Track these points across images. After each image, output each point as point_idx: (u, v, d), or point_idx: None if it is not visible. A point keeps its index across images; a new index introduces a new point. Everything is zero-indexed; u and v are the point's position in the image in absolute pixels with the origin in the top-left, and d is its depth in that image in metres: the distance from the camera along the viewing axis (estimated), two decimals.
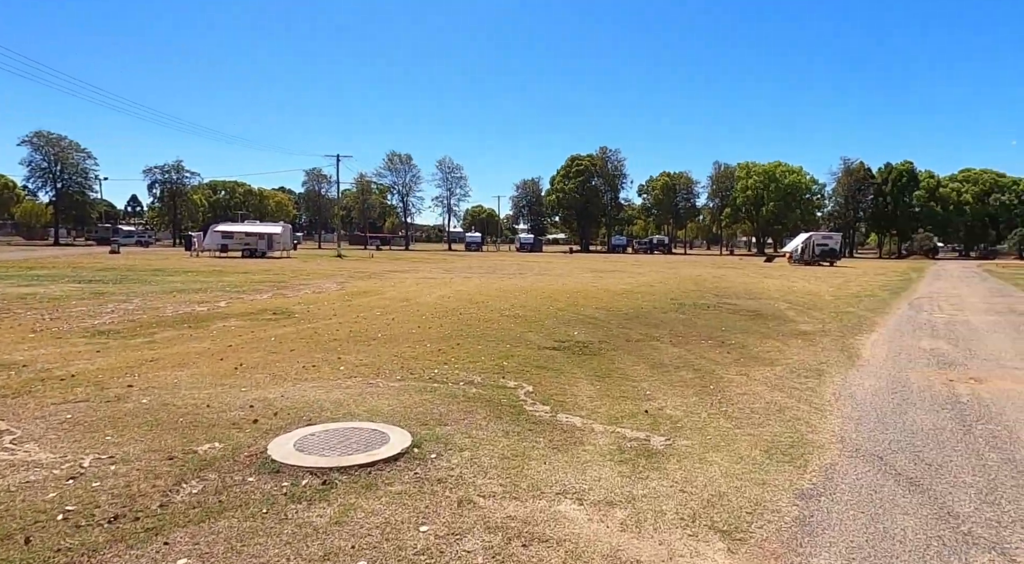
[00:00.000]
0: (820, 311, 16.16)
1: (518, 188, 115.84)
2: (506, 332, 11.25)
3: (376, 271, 31.97)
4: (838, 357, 9.15)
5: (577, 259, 61.06)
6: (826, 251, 54.94)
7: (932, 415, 5.93)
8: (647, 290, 21.66)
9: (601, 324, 12.64)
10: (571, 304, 16.50)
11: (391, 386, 6.82)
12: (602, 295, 19.33)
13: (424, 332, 11.09)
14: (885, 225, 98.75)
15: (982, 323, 13.79)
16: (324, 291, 19.57)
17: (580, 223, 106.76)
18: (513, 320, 12.93)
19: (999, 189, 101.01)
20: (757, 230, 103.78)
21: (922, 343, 10.67)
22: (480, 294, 19.01)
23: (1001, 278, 35.30)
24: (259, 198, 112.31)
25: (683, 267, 43.61)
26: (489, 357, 8.78)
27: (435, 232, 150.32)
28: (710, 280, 28.48)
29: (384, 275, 28.67)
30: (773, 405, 6.26)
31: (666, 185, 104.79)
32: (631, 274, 32.61)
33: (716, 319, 13.87)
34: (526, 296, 18.55)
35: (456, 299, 17.36)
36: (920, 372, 8.03)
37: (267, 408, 5.82)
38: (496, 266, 41.01)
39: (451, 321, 12.61)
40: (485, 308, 15.15)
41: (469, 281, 25.43)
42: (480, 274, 30.72)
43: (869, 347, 10.24)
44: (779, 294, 21.14)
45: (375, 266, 37.86)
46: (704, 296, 19.90)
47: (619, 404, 6.32)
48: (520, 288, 21.60)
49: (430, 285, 22.71)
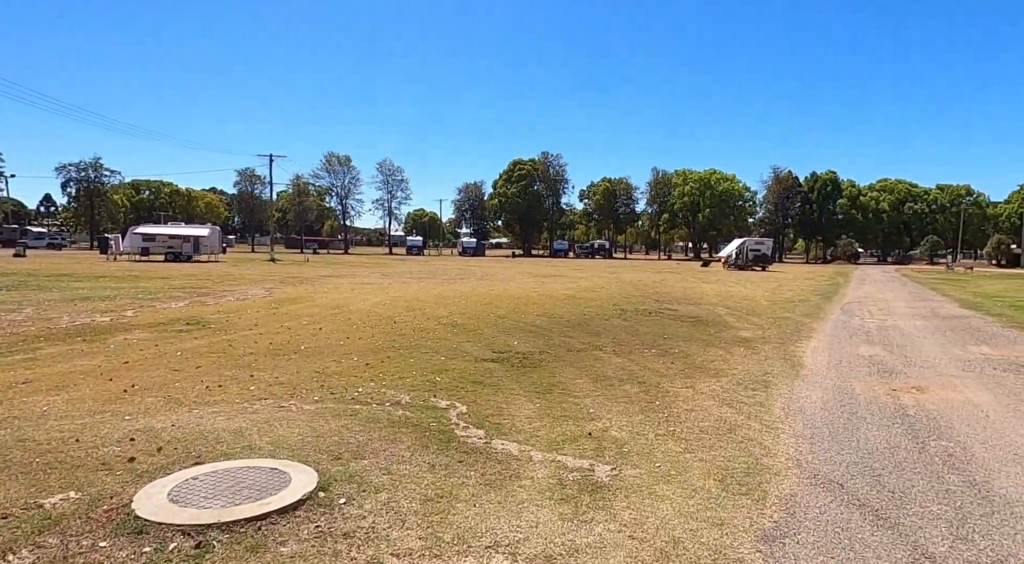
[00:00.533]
0: (758, 317, 16.24)
1: (460, 192, 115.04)
2: (442, 342, 10.56)
3: (310, 276, 30.53)
4: (782, 366, 8.95)
5: (519, 263, 60.82)
6: (759, 256, 56.83)
7: (884, 431, 5.67)
8: (589, 296, 21.41)
9: (543, 332, 12.14)
10: (512, 311, 15.96)
11: (305, 409, 6.03)
12: (544, 301, 18.90)
13: (353, 344, 10.26)
14: (811, 231, 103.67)
15: (911, 328, 14.12)
16: (249, 298, 18.28)
17: (523, 227, 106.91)
18: (450, 329, 12.25)
19: (912, 198, 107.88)
20: (693, 236, 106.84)
21: (860, 349, 10.68)
22: (417, 301, 18.21)
23: (918, 282, 37.23)
24: (187, 199, 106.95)
25: (624, 272, 44.00)
26: (421, 372, 8.07)
27: (376, 235, 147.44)
28: (651, 285, 28.62)
29: (317, 280, 27.35)
30: (723, 423, 5.86)
31: (607, 191, 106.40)
32: (573, 279, 32.47)
33: (658, 326, 13.63)
34: (466, 302, 17.88)
35: (391, 306, 16.50)
36: (864, 382, 7.87)
37: (151, 442, 4.93)
38: (437, 270, 40.12)
39: (383, 331, 11.81)
40: (421, 316, 14.39)
41: (407, 287, 24.53)
42: (419, 279, 29.81)
43: (810, 354, 10.14)
44: (717, 299, 21.31)
45: (309, 271, 36.27)
46: (645, 302, 19.79)
47: (560, 425, 5.77)
48: (460, 294, 20.91)
49: (365, 291, 21.70)
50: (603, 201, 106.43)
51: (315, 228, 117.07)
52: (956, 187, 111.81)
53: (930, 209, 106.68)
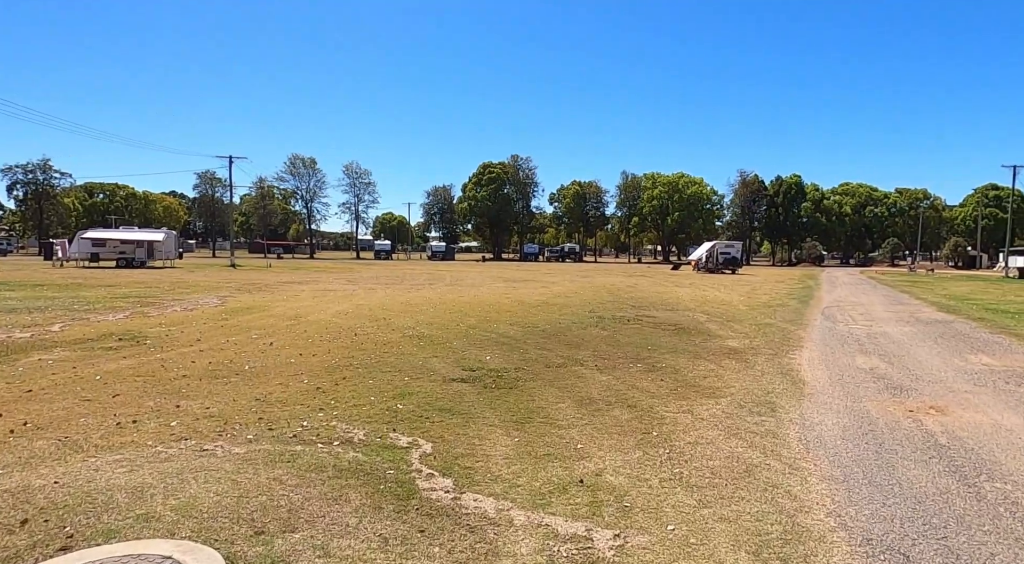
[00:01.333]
0: (740, 323, 15.57)
1: (429, 195, 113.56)
2: (407, 358, 9.51)
3: (270, 283, 29.01)
4: (782, 383, 8.15)
5: (490, 268, 59.80)
6: (728, 259, 56.94)
7: (923, 469, 4.85)
8: (563, 302, 20.54)
9: (517, 345, 11.18)
10: (483, 320, 14.96)
11: (234, 454, 4.93)
12: (516, 308, 17.95)
13: (306, 361, 9.14)
14: (777, 234, 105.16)
15: (900, 334, 13.59)
16: (199, 308, 16.88)
17: (492, 231, 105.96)
18: (417, 342, 11.19)
19: (873, 202, 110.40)
20: (663, 239, 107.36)
21: (858, 361, 10.00)
22: (383, 309, 17.07)
23: (887, 285, 37.46)
24: (144, 202, 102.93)
25: (596, 276, 43.38)
26: (381, 397, 7.02)
27: (343, 240, 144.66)
28: (624, 289, 27.94)
29: (278, 287, 25.91)
30: (736, 461, 4.97)
31: (577, 194, 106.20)
32: (545, 284, 31.61)
33: (640, 336, 12.80)
34: (434, 311, 16.81)
35: (354, 316, 15.34)
36: (876, 402, 7.11)
37: (16, 509, 3.80)
38: (405, 275, 38.85)
39: (343, 345, 10.69)
40: (386, 327, 13.29)
41: (373, 293, 23.32)
42: (386, 285, 28.57)
43: (808, 368, 9.39)
44: (695, 304, 20.66)
45: (271, 277, 34.65)
46: (622, 308, 19.01)
47: (545, 468, 4.80)
48: (428, 301, 19.82)
49: (328, 299, 20.44)
50: (573, 204, 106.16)
51: (279, 232, 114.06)
52: (914, 191, 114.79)
53: (889, 212, 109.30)
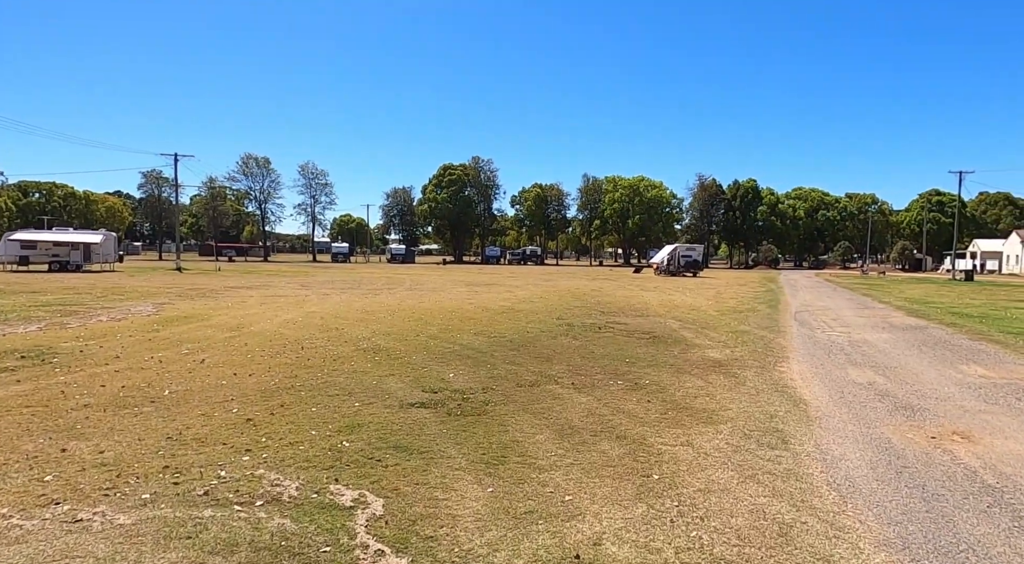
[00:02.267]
0: (715, 330, 14.88)
1: (388, 197, 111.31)
2: (359, 378, 8.34)
3: (216, 288, 27.16)
4: (782, 404, 7.31)
5: (451, 271, 58.50)
6: (690, 262, 57.12)
7: (989, 524, 3.99)
8: (529, 307, 19.57)
9: (483, 358, 10.12)
10: (445, 329, 13.84)
11: (116, 526, 3.72)
12: (481, 315, 16.88)
13: (240, 383, 7.87)
14: (735, 238, 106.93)
15: (881, 342, 13.07)
16: (128, 317, 15.23)
17: (453, 234, 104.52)
18: (372, 356, 10.01)
19: (825, 206, 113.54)
20: (624, 242, 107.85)
21: (851, 374, 9.29)
22: (336, 317, 15.76)
23: (845, 288, 37.86)
24: (84, 202, 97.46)
25: (559, 279, 42.63)
26: (324, 430, 5.86)
27: (300, 242, 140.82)
28: (590, 294, 27.18)
29: (224, 293, 24.16)
30: (764, 519, 4.03)
31: (538, 196, 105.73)
32: (508, 288, 30.61)
33: (614, 345, 11.90)
34: (392, 319, 15.59)
35: (303, 325, 14.00)
36: (892, 427, 6.32)
37: None
38: (362, 280, 37.28)
39: (286, 361, 9.43)
40: (338, 338, 12.03)
41: (327, 299, 21.88)
42: (342, 290, 27.08)
43: (802, 383, 8.61)
44: (664, 310, 19.98)
45: (217, 281, 32.63)
46: (591, 313, 18.15)
47: (528, 535, 3.76)
48: (386, 308, 18.56)
49: (277, 305, 18.95)
50: (535, 207, 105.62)
51: (231, 234, 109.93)
52: (863, 195, 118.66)
53: (840, 216, 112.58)
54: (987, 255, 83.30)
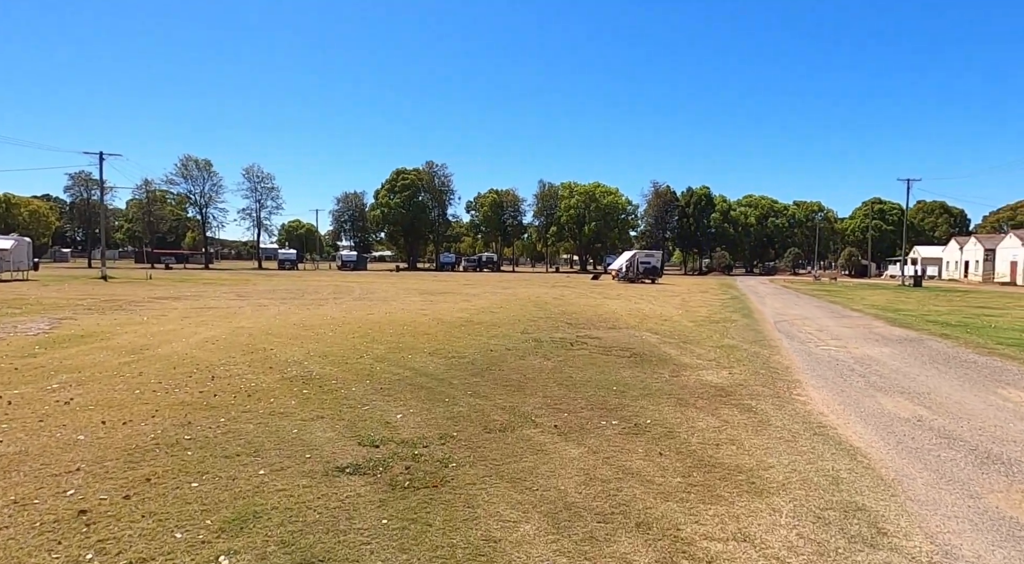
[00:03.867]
0: (699, 345, 13.35)
1: (339, 202, 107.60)
2: (275, 424, 6.29)
3: (139, 299, 24.24)
4: (835, 456, 5.66)
5: (404, 278, 56.03)
6: (649, 269, 56.33)
7: None
8: (490, 319, 17.69)
9: (440, 387, 8.19)
10: (396, 347, 11.83)
11: None
12: (436, 330, 14.91)
13: (103, 439, 5.72)
14: (689, 244, 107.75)
15: (885, 357, 11.77)
16: (7, 338, 12.60)
17: (407, 240, 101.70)
18: (298, 389, 7.94)
19: (774, 213, 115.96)
20: (580, 248, 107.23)
21: (885, 405, 7.78)
22: (268, 334, 13.52)
23: (807, 294, 37.47)
24: (5, 206, 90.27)
25: (517, 287, 40.91)
26: (197, 531, 3.84)
27: (247, 249, 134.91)
28: (552, 303, 25.52)
29: (145, 305, 21.39)
30: None
31: (494, 202, 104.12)
32: (466, 296, 28.66)
33: (593, 367, 10.15)
34: (333, 335, 13.46)
35: (224, 345, 11.73)
36: (1001, 497, 4.72)
37: None
38: (308, 288, 34.63)
39: (182, 399, 7.27)
40: (263, 362, 9.88)
41: (262, 312, 19.47)
42: (283, 300, 24.57)
43: (837, 420, 7.02)
44: (635, 321, 18.45)
45: (145, 291, 29.50)
46: (558, 326, 16.42)
47: None
48: (329, 322, 16.36)
49: (201, 320, 16.49)
50: (491, 213, 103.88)
51: (168, 240, 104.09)
52: (810, 203, 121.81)
53: (789, 223, 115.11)
54: (927, 261, 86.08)
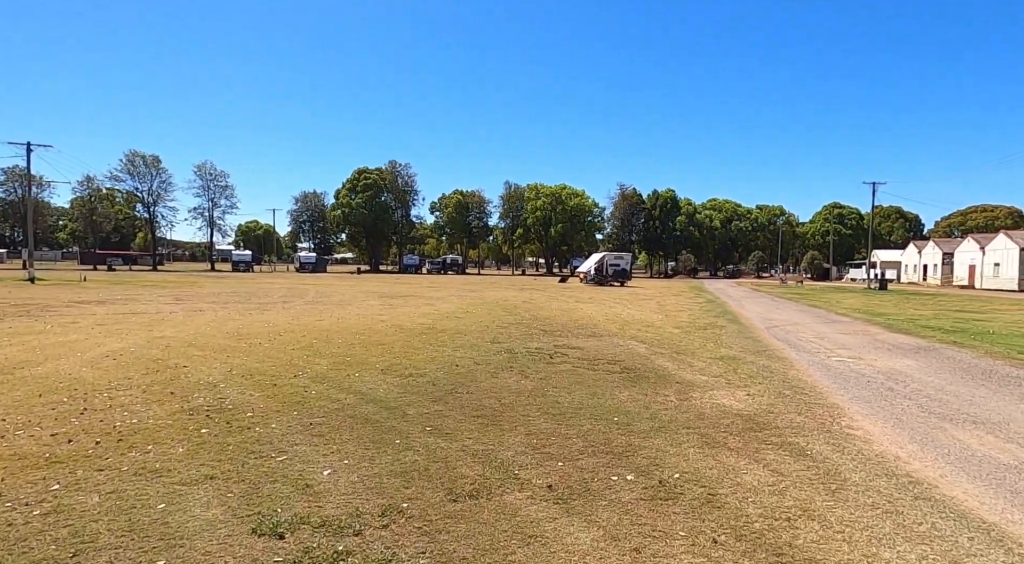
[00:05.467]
0: (694, 356, 11.67)
1: (298, 201, 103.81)
2: (131, 495, 4.24)
3: (55, 304, 21.42)
4: (974, 541, 3.92)
5: (364, 281, 53.41)
6: (618, 271, 55.16)
7: None
8: (455, 325, 15.72)
9: (390, 422, 6.21)
10: (341, 362, 9.77)
11: None
12: (393, 338, 12.86)
13: None
14: (655, 247, 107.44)
15: (916, 371, 10.27)
16: None
17: (369, 241, 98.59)
18: (195, 428, 5.85)
19: (738, 217, 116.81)
20: (546, 251, 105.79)
21: (964, 439, 6.14)
22: (190, 346, 11.26)
23: (783, 297, 36.59)
24: None
25: (484, 289, 38.95)
26: None
27: (201, 250, 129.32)
28: (522, 307, 23.68)
29: (58, 310, 18.70)
30: None
31: (459, 203, 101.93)
32: (429, 300, 26.57)
33: (582, 387, 8.31)
34: (270, 346, 11.29)
35: (125, 362, 9.47)
36: None
37: None
38: (258, 291, 31.97)
39: (18, 447, 5.12)
40: (163, 386, 7.70)
41: (196, 317, 17.07)
42: (224, 305, 22.08)
43: (923, 467, 5.33)
44: (616, 327, 16.75)
45: (69, 295, 26.47)
46: (531, 333, 14.58)
47: None
48: (269, 330, 14.15)
49: (117, 328, 14.06)
50: (455, 214, 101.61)
51: (112, 240, 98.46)
52: (772, 207, 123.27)
53: (752, 227, 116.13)
54: (886, 265, 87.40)
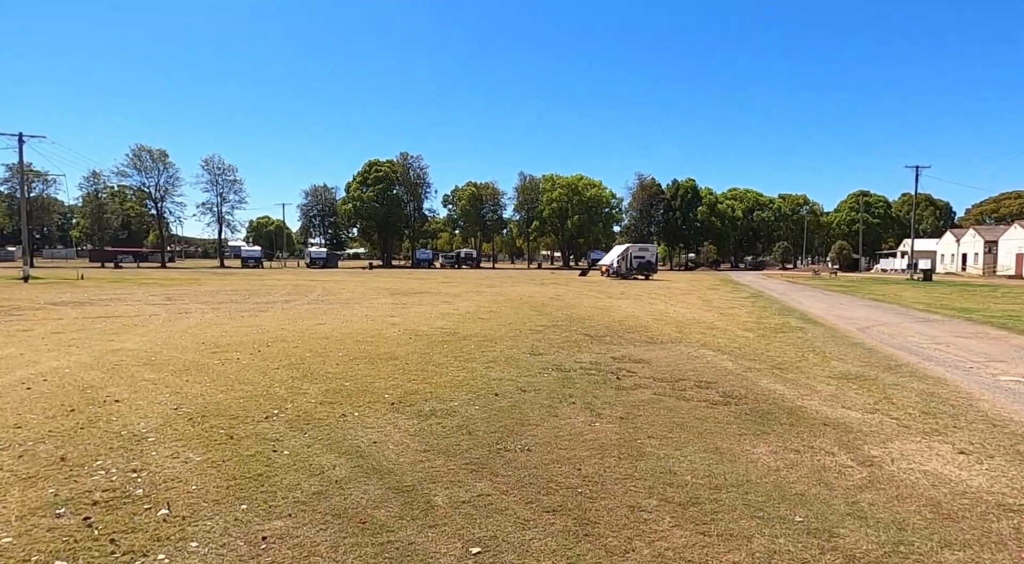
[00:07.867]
0: (803, 374, 8.82)
1: (308, 195, 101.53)
2: None
3: (24, 306, 19.00)
4: None
5: (376, 276, 50.82)
6: (643, 264, 51.99)
7: None
8: (481, 331, 12.96)
9: (408, 530, 3.39)
10: (336, 390, 7.01)
11: None
12: (409, 351, 10.10)
13: None
14: (675, 238, 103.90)
15: None
16: None
17: (381, 235, 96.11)
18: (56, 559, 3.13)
19: (760, 207, 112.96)
20: (562, 243, 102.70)
21: None
22: (146, 364, 8.57)
23: (833, 291, 33.51)
24: None
25: (502, 284, 36.13)
26: None
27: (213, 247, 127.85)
28: (552, 304, 20.89)
29: (22, 313, 16.25)
30: None
31: (473, 195, 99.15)
32: (446, 298, 23.82)
33: (684, 432, 5.50)
34: (247, 363, 8.55)
35: (39, 394, 6.77)
36: None
37: None
38: (261, 289, 29.44)
39: None
40: (60, 449, 4.94)
41: (176, 322, 14.48)
42: (218, 305, 19.50)
43: None
44: (673, 330, 13.93)
45: (49, 295, 24.06)
46: (575, 340, 11.78)
47: None
48: (256, 338, 11.47)
49: (73, 337, 11.46)
50: (469, 207, 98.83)
51: (120, 237, 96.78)
52: (795, 196, 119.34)
53: (775, 217, 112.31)
54: (920, 254, 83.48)
